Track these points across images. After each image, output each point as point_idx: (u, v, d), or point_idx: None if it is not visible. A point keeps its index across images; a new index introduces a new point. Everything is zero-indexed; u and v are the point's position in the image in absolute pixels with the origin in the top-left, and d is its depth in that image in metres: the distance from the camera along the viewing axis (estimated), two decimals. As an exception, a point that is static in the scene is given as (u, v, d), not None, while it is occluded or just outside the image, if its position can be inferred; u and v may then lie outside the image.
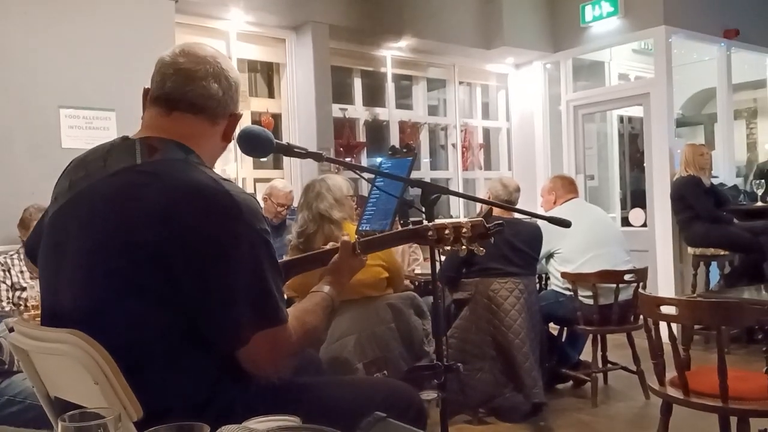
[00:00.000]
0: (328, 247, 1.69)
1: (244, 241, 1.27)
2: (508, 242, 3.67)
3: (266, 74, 5.29)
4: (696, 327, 4.79)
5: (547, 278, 4.49)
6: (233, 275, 1.25)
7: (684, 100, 7.85)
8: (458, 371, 1.83)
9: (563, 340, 4.36)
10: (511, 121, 6.82)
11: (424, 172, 6.25)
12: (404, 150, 1.98)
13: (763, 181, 5.93)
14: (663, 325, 2.54)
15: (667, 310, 2.52)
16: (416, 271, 4.31)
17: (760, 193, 5.84)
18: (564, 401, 4.02)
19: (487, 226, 1.56)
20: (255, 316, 1.27)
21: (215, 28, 4.76)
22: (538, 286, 4.33)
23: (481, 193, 5.95)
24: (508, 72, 6.69)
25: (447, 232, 1.58)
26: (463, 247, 1.57)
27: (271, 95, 5.28)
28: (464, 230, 1.57)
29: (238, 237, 1.26)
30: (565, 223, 2.04)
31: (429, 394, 1.86)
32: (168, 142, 1.34)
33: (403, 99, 6.23)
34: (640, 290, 3.11)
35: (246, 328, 1.26)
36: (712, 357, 4.49)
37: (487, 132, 6.84)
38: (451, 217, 5.99)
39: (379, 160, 5.34)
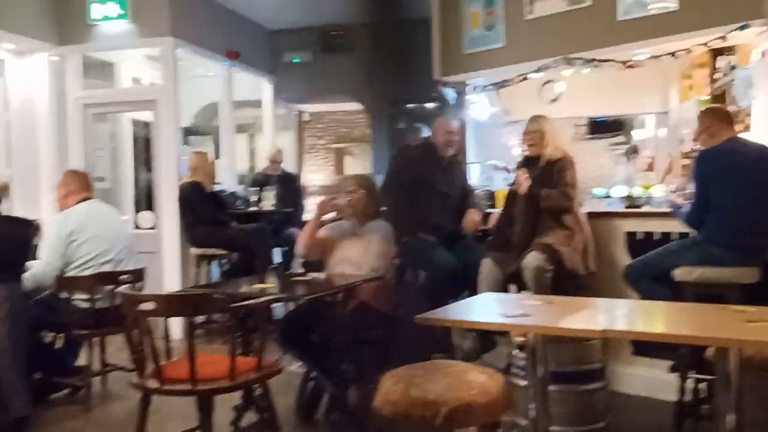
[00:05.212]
0: None
1: None
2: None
3: None
4: (199, 320, 5.17)
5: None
6: None
7: (197, 110, 8.34)
8: None
9: (60, 346, 4.15)
10: (10, 112, 6.15)
11: None
12: None
13: (257, 188, 6.76)
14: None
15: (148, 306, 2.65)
16: None
17: (254, 199, 6.64)
18: (56, 411, 3.86)
19: None
20: None
21: None
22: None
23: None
24: (5, 58, 6.03)
25: None
26: None
27: None
28: None
29: None
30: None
31: None
32: None
33: None
34: (121, 289, 3.16)
35: None
36: (210, 347, 4.91)
37: (-20, 122, 6.01)
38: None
39: None
